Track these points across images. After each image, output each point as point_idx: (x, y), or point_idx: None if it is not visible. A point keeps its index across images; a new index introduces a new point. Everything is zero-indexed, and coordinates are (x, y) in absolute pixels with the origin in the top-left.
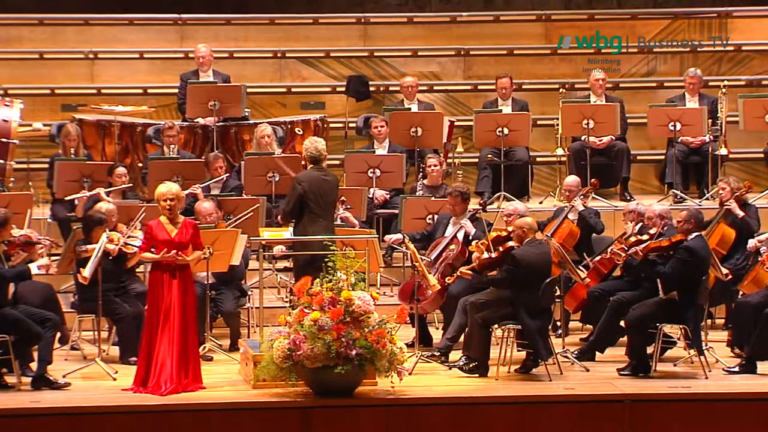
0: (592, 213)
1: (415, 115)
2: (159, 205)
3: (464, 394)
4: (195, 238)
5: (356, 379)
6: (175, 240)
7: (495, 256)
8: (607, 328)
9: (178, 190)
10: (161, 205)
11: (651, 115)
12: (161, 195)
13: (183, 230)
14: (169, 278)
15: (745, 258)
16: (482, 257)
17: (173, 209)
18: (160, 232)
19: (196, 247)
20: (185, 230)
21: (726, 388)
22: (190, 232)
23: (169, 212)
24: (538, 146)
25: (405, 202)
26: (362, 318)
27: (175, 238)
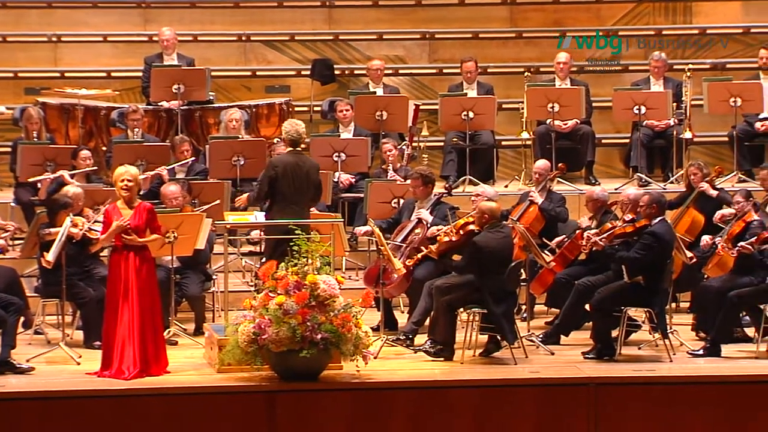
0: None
1: (381, 99)
2: (116, 187)
3: (429, 378)
4: (151, 222)
5: (321, 363)
6: (130, 224)
7: (455, 240)
8: (572, 311)
9: (136, 173)
10: (117, 186)
11: (616, 98)
12: (118, 176)
13: (137, 214)
14: (128, 260)
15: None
16: (443, 241)
17: (130, 190)
18: (116, 216)
19: (154, 230)
20: (139, 214)
21: (690, 372)
22: (145, 216)
23: (126, 194)
24: (503, 130)
25: (370, 186)
26: (327, 302)
27: (129, 222)
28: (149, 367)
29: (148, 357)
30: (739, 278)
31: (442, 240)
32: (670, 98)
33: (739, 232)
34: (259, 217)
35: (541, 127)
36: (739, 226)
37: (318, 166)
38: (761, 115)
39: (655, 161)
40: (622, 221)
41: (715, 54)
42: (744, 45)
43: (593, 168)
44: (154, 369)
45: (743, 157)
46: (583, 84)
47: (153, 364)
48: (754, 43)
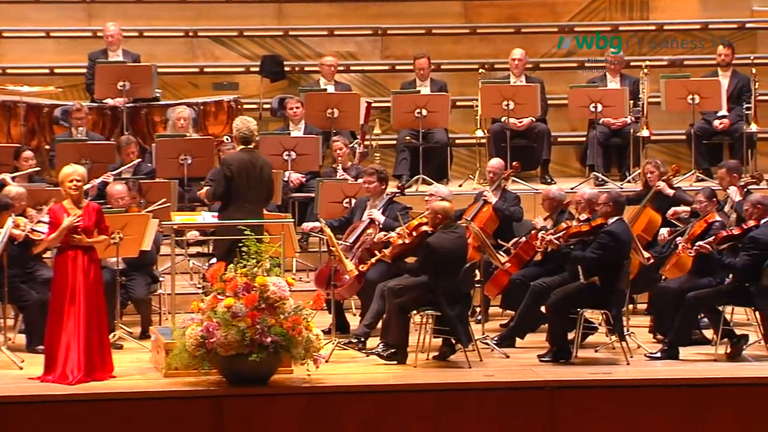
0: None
1: (332, 96)
2: (63, 187)
3: (382, 382)
4: (100, 222)
5: (271, 367)
6: (80, 225)
7: (408, 242)
8: (528, 313)
9: (84, 172)
10: (65, 186)
11: (572, 96)
12: (66, 176)
13: (86, 213)
14: (75, 261)
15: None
16: (396, 243)
17: (79, 190)
18: (64, 216)
19: (101, 231)
20: (89, 214)
21: (648, 374)
22: (94, 217)
23: (75, 193)
24: (457, 128)
25: (321, 186)
26: (277, 304)
27: (80, 221)
28: (94, 371)
29: (94, 361)
30: (698, 279)
31: (395, 242)
32: (626, 96)
33: (700, 233)
34: (207, 217)
35: (496, 125)
36: (700, 227)
37: (271, 164)
38: (719, 112)
39: (611, 160)
40: (578, 221)
41: (673, 51)
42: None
43: (549, 167)
44: (99, 374)
45: (701, 156)
46: (538, 81)
47: (98, 368)
48: (712, 39)
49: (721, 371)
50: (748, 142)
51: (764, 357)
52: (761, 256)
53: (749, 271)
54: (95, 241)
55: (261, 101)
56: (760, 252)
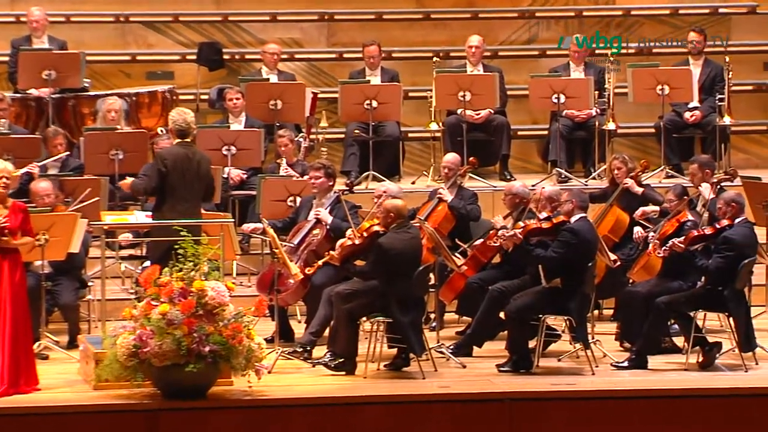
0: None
1: (275, 87)
2: None
3: (329, 394)
4: (25, 223)
5: (209, 379)
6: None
7: (359, 243)
8: (486, 320)
9: (12, 169)
10: None
11: (532, 86)
12: None
13: (13, 213)
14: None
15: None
16: (345, 245)
17: (7, 188)
18: None
19: (26, 233)
20: (15, 214)
21: (614, 385)
22: (20, 216)
23: (2, 191)
24: (409, 121)
25: (263, 183)
26: (216, 311)
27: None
28: (18, 384)
29: (19, 373)
30: (668, 283)
31: (345, 244)
32: (591, 86)
33: (672, 232)
34: (140, 216)
35: (451, 117)
36: (672, 226)
37: (210, 159)
38: (691, 104)
39: (575, 155)
40: (537, 220)
41: (640, 37)
42: (672, 28)
43: (508, 162)
44: (24, 386)
45: (671, 151)
46: (496, 70)
47: (22, 380)
48: (682, 25)
49: (692, 381)
50: (722, 136)
51: (738, 366)
52: (736, 258)
53: (723, 273)
54: (20, 244)
55: (198, 92)
56: (735, 253)
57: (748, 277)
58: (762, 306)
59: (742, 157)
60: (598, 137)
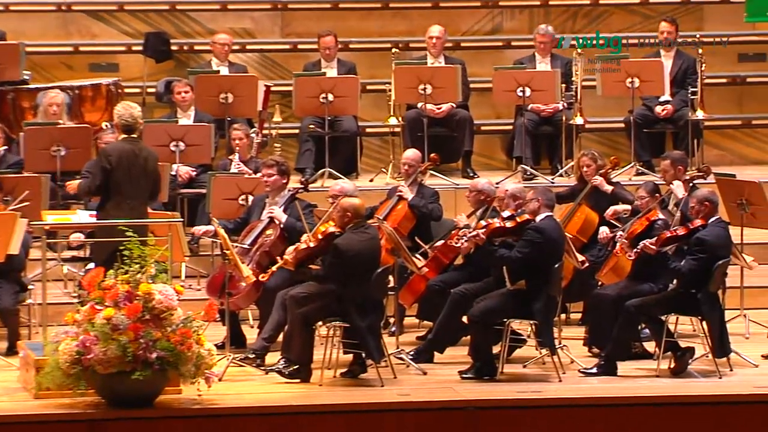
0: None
1: (225, 79)
2: None
3: (283, 403)
4: None
5: (157, 387)
6: None
7: (314, 245)
8: (448, 324)
9: None
10: None
11: (496, 78)
12: None
13: None
14: None
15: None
16: (299, 248)
17: None
18: None
19: None
20: None
21: (582, 393)
22: None
23: None
24: (367, 115)
25: (214, 180)
26: (164, 315)
27: None
28: None
29: None
30: (638, 285)
31: (299, 248)
32: (558, 78)
33: (641, 231)
34: (83, 216)
35: (412, 111)
36: (641, 225)
37: (157, 155)
38: (662, 97)
39: (541, 151)
40: (500, 218)
41: (609, 27)
42: (642, 17)
43: (471, 159)
44: None
45: (642, 147)
46: (459, 62)
47: None
48: (653, 15)
49: (664, 388)
50: (694, 131)
51: (712, 372)
52: (709, 260)
53: (696, 275)
54: None
55: (145, 84)
56: (708, 255)
57: (722, 279)
58: (736, 309)
59: (716, 153)
60: (565, 132)
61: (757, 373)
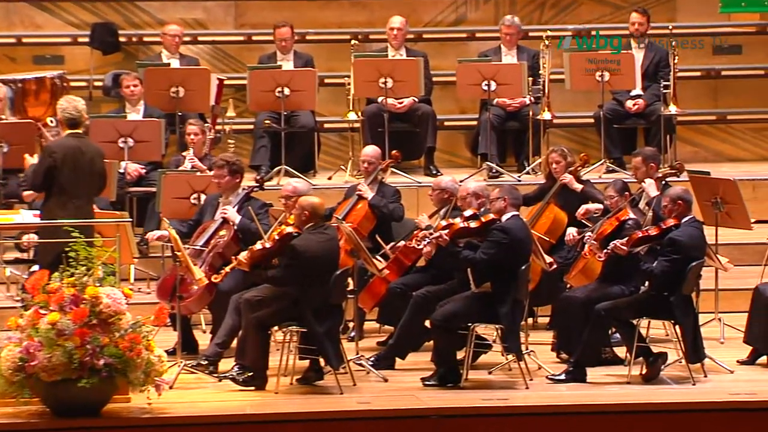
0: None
1: (176, 72)
2: None
3: (237, 411)
4: None
5: (104, 395)
6: None
7: (270, 246)
8: (409, 329)
9: None
10: None
11: (460, 72)
12: None
13: None
14: None
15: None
16: (254, 249)
17: None
18: None
19: None
20: None
21: (550, 400)
22: None
23: None
24: (325, 110)
25: (164, 179)
26: (112, 320)
27: None
28: None
29: None
30: (608, 287)
31: (254, 248)
32: (525, 72)
33: (611, 231)
34: (26, 215)
35: (371, 106)
36: (611, 225)
37: (103, 152)
38: (633, 91)
39: (507, 148)
40: (462, 218)
41: (577, 18)
42: (612, 8)
43: (434, 156)
44: None
45: (612, 143)
46: (421, 54)
47: None
48: (624, 5)
49: (635, 396)
50: (667, 127)
51: (685, 379)
52: (682, 261)
53: (669, 277)
54: None
55: (91, 78)
56: (682, 256)
57: (695, 282)
58: (711, 313)
59: (690, 149)
60: (533, 128)
61: (732, 380)
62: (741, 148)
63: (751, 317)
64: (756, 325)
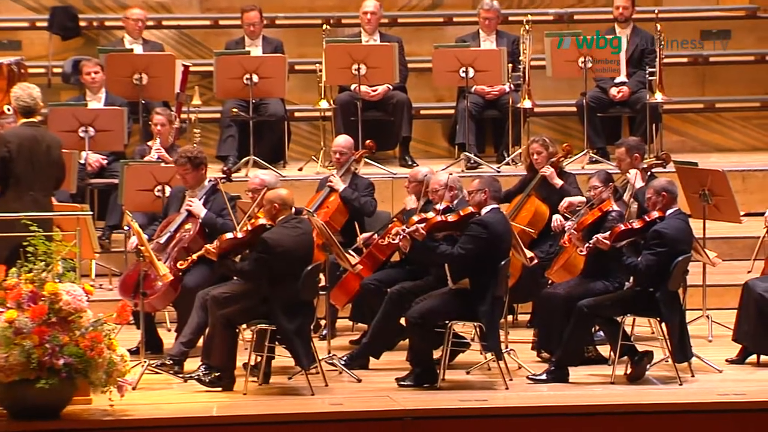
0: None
1: (139, 58)
2: None
3: (203, 414)
4: None
5: (64, 396)
6: None
7: (241, 236)
8: (384, 327)
9: None
10: None
11: (437, 58)
12: None
13: None
14: None
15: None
16: (224, 238)
17: None
18: None
19: None
20: None
21: (531, 401)
22: None
23: None
24: (296, 98)
25: (127, 170)
26: (72, 318)
27: None
28: None
29: None
30: (591, 283)
31: (225, 237)
32: (504, 58)
33: (592, 222)
34: None
35: (344, 94)
36: (593, 216)
37: (61, 141)
38: (617, 79)
39: (486, 137)
40: (435, 211)
41: (560, 2)
42: None
43: (409, 146)
44: None
45: (595, 132)
46: (395, 40)
47: None
48: None
49: (619, 396)
50: (653, 115)
51: (672, 379)
52: (668, 255)
53: (654, 273)
54: None
55: (50, 64)
56: (667, 250)
57: (682, 277)
58: (698, 310)
59: (676, 139)
60: (512, 117)
61: (720, 380)
62: (730, 137)
63: (741, 314)
64: (745, 323)
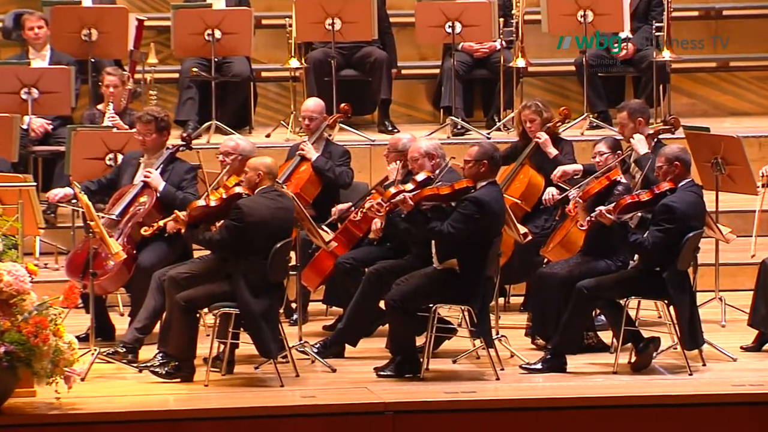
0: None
1: (88, 12)
2: None
3: (160, 408)
4: None
5: (5, 388)
6: None
7: (215, 204)
8: (361, 311)
9: None
10: None
11: (420, 11)
12: None
13: None
14: None
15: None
16: (195, 205)
17: None
18: None
19: None
20: None
21: (524, 393)
22: None
23: None
24: (263, 56)
25: (75, 136)
26: (14, 301)
27: None
28: None
29: None
30: (591, 262)
31: (196, 204)
32: (495, 11)
33: (599, 191)
34: None
35: (317, 52)
36: (600, 184)
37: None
38: (621, 34)
39: (474, 100)
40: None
41: None
42: None
43: (389, 109)
44: None
45: (596, 95)
46: None
47: None
48: None
49: (623, 387)
50: (660, 75)
51: (681, 368)
52: (678, 231)
53: (662, 251)
54: None
55: None
56: (677, 225)
57: (692, 255)
58: (710, 291)
59: (686, 101)
60: (504, 77)
61: (735, 369)
62: (745, 99)
63: (757, 296)
64: (762, 306)
